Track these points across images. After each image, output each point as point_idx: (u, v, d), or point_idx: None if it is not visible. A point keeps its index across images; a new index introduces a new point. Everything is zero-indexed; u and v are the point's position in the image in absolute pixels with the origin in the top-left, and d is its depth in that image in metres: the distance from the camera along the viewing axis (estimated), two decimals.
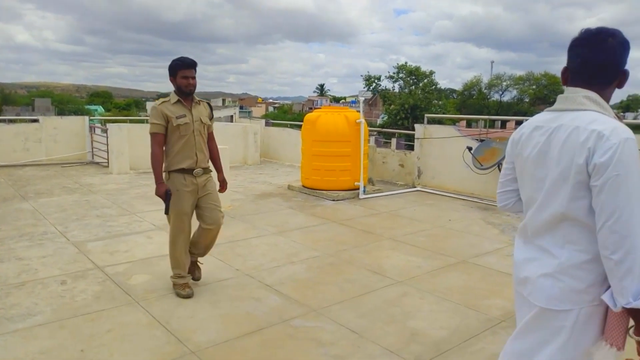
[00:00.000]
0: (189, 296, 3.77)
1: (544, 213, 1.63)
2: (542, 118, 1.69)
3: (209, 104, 3.93)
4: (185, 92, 3.64)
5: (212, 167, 3.97)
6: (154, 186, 3.74)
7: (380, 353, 3.03)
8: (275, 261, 4.68)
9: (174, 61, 3.64)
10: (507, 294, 3.97)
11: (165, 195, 3.61)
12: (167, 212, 3.68)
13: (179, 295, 3.79)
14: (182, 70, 3.60)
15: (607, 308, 1.55)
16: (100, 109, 62.69)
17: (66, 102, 59.90)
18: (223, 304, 3.69)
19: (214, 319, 3.46)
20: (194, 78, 3.66)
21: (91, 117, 12.69)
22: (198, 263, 4.06)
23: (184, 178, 3.67)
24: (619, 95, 1.72)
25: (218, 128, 11.19)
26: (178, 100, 3.65)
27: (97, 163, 11.00)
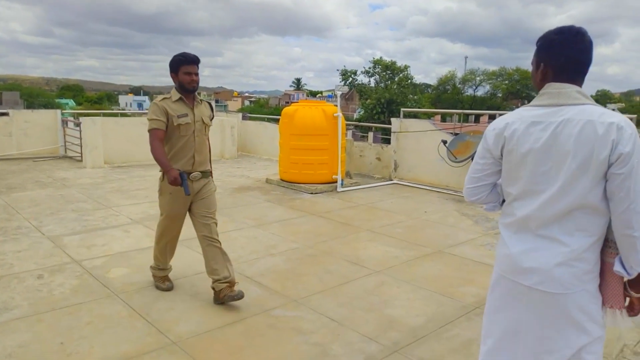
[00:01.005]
0: (168, 289, 3.76)
1: (559, 204, 1.67)
2: (536, 113, 1.70)
3: (209, 104, 3.75)
4: (188, 89, 3.45)
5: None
6: (129, 180, 3.69)
7: (359, 340, 3.11)
8: (255, 253, 4.72)
9: (176, 56, 3.44)
10: (481, 282, 4.09)
11: (180, 178, 3.28)
12: (187, 192, 3.34)
13: (158, 288, 3.78)
14: (184, 65, 3.40)
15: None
16: (71, 102, 61.26)
17: (36, 96, 58.19)
18: (203, 296, 3.71)
19: (195, 310, 3.48)
20: (197, 74, 3.45)
21: (63, 111, 12.40)
22: (234, 286, 3.55)
23: None
24: (587, 90, 1.81)
25: None
26: (180, 98, 3.45)
27: (70, 157, 10.79)
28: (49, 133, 11.03)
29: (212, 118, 3.73)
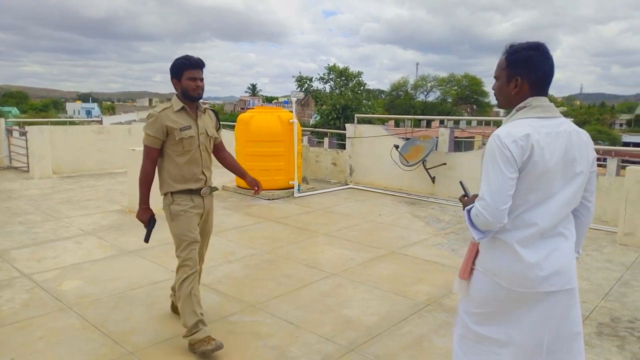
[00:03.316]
0: (219, 347, 2.96)
1: (569, 207, 1.84)
2: (544, 124, 1.78)
3: (214, 112, 3.38)
4: (193, 97, 3.06)
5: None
6: (80, 190, 3.47)
7: (317, 341, 3.20)
8: (213, 261, 4.71)
9: (179, 60, 3.06)
10: (432, 281, 4.28)
11: (148, 221, 3.09)
12: (147, 240, 3.14)
13: (205, 353, 2.94)
14: (189, 70, 3.02)
15: None
16: (15, 110, 58.51)
17: None
18: (160, 305, 3.69)
19: (152, 320, 3.46)
20: (202, 80, 3.08)
21: (7, 119, 11.89)
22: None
23: (191, 199, 3.09)
24: None
25: None
26: (182, 108, 3.06)
27: (16, 168, 10.37)
28: None
29: (219, 128, 3.37)
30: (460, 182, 2.11)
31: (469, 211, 1.85)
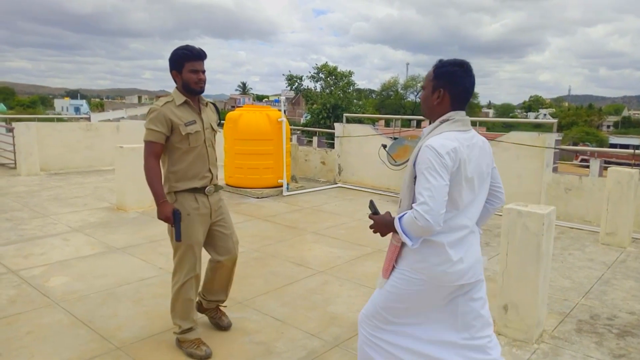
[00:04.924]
0: (208, 356, 2.94)
1: (482, 206, 2.12)
2: (464, 136, 2.00)
3: (214, 105, 3.21)
4: (195, 90, 2.89)
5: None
6: (67, 187, 3.37)
7: (303, 337, 3.25)
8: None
9: (179, 50, 2.87)
10: None
11: (173, 216, 2.80)
12: (179, 237, 2.84)
13: (193, 356, 2.94)
14: (190, 62, 2.84)
15: None
16: (1, 106, 57.87)
17: None
18: (147, 302, 3.72)
19: (139, 316, 3.49)
20: (204, 72, 2.91)
21: None
22: (220, 307, 3.39)
23: (195, 199, 2.92)
24: (521, 96, 2.13)
25: (136, 127, 10.80)
26: (185, 102, 2.90)
27: (3, 164, 10.28)
28: None
29: (219, 123, 3.19)
30: (371, 201, 2.25)
31: (400, 219, 1.96)
